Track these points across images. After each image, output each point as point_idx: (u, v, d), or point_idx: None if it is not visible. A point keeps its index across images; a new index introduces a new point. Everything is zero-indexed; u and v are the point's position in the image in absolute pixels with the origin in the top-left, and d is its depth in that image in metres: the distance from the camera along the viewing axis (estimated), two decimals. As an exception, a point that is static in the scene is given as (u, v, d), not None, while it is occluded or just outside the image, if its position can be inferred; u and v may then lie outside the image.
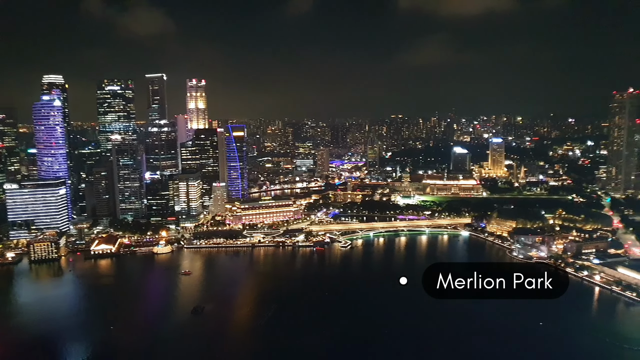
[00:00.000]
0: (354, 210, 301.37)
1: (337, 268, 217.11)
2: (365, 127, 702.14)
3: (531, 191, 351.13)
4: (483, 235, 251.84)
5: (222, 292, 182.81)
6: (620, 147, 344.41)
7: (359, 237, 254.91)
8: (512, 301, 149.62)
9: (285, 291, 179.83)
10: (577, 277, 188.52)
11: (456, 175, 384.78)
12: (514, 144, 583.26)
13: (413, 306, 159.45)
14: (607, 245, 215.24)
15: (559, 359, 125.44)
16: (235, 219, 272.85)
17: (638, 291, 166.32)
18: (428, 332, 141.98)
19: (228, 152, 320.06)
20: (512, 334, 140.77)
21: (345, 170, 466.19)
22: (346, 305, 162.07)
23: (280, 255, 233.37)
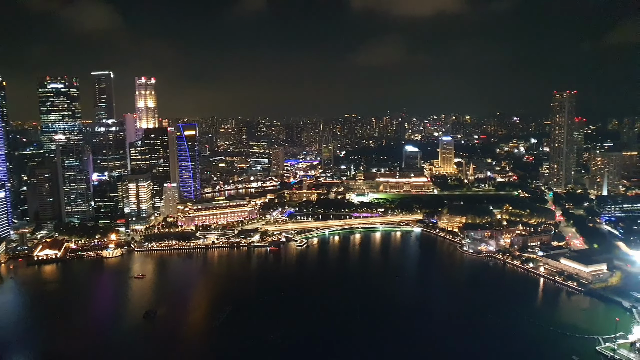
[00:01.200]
0: (310, 209, 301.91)
1: (293, 267, 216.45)
2: (320, 126, 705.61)
3: (479, 187, 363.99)
4: (434, 231, 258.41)
5: (176, 295, 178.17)
6: (561, 144, 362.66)
7: (315, 235, 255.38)
8: (462, 292, 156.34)
9: (240, 292, 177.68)
10: (523, 269, 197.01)
11: (408, 173, 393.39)
12: (462, 142, 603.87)
13: (370, 304, 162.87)
14: (550, 238, 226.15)
15: (505, 348, 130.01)
16: (188, 220, 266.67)
17: (578, 281, 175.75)
18: (384, 326, 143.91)
19: (179, 152, 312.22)
20: (461, 324, 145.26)
21: (301, 169, 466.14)
22: (303, 305, 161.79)
23: (235, 256, 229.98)
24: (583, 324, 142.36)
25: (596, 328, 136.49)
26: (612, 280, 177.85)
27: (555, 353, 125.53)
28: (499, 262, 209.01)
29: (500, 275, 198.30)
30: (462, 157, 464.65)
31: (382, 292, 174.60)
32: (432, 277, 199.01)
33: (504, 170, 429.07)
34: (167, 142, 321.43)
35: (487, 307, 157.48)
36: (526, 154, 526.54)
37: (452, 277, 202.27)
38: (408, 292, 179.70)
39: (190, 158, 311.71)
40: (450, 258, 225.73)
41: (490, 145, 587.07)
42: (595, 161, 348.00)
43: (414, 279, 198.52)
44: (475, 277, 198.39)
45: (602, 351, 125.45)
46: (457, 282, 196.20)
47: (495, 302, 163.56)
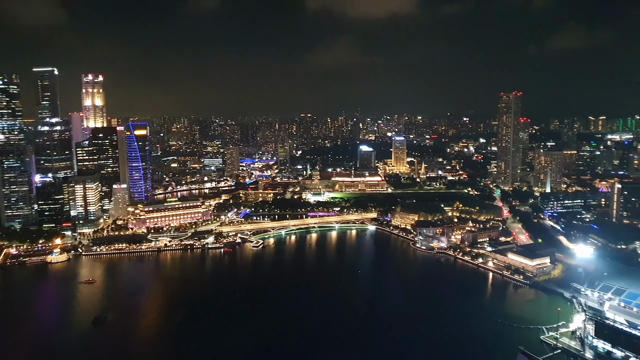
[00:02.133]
0: (266, 209, 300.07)
1: (249, 268, 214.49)
2: (276, 125, 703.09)
3: (431, 186, 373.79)
4: (388, 228, 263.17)
5: (127, 300, 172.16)
6: (507, 144, 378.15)
7: (271, 235, 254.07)
8: (415, 288, 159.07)
9: (194, 295, 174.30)
10: (473, 265, 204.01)
11: (363, 173, 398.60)
12: (415, 141, 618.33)
13: (326, 303, 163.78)
14: (498, 234, 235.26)
15: (455, 341, 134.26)
16: (139, 222, 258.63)
17: (524, 274, 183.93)
18: (341, 324, 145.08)
19: (129, 152, 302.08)
20: (414, 319, 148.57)
21: (256, 169, 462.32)
22: (259, 306, 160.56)
23: (188, 258, 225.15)
24: (529, 315, 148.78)
25: (541, 319, 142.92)
26: (555, 272, 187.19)
27: (503, 344, 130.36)
28: (450, 258, 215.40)
29: (452, 271, 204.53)
30: (415, 156, 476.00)
31: (338, 290, 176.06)
32: (386, 273, 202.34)
33: (455, 169, 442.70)
34: (116, 142, 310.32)
35: (438, 302, 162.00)
36: (475, 153, 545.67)
37: (406, 274, 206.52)
38: (363, 289, 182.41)
39: (140, 158, 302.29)
40: (403, 255, 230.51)
41: (441, 145, 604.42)
42: (539, 160, 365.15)
43: (369, 276, 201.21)
44: (428, 273, 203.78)
45: (546, 340, 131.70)
46: (410, 278, 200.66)
47: (446, 296, 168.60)
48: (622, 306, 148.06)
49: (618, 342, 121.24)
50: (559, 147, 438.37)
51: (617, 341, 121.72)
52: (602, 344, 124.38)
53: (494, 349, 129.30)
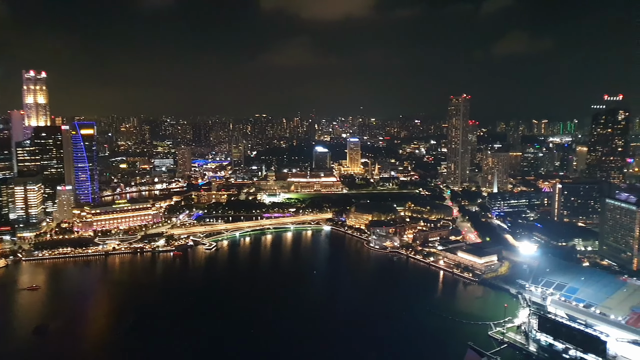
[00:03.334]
0: (219, 211, 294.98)
1: (201, 271, 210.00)
2: (230, 125, 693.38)
3: (384, 186, 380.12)
4: (343, 228, 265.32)
5: (72, 307, 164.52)
6: (457, 145, 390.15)
7: (225, 237, 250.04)
8: (368, 287, 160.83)
9: (144, 300, 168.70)
10: (425, 263, 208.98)
11: (318, 173, 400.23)
12: (369, 143, 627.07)
13: (281, 304, 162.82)
14: (448, 232, 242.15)
15: (406, 338, 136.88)
16: (85, 225, 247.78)
17: (473, 272, 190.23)
18: (294, 327, 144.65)
19: (75, 152, 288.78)
20: (366, 318, 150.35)
21: (209, 170, 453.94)
22: (211, 310, 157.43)
23: (138, 262, 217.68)
24: (477, 312, 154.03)
25: (488, 314, 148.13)
26: (502, 269, 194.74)
27: (453, 340, 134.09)
28: (402, 257, 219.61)
29: (404, 270, 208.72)
30: (368, 157, 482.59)
31: (293, 291, 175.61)
32: (341, 273, 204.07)
33: (407, 169, 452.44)
34: (60, 141, 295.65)
35: (391, 301, 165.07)
36: (426, 154, 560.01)
37: (360, 273, 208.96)
38: (319, 289, 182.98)
39: (87, 159, 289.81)
40: (358, 254, 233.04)
41: (393, 146, 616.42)
42: (486, 161, 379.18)
43: (324, 276, 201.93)
44: (381, 272, 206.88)
45: (494, 335, 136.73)
46: (364, 277, 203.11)
47: (398, 295, 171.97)
48: (562, 300, 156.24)
49: (559, 335, 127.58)
50: (505, 148, 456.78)
51: (558, 334, 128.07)
52: (544, 337, 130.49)
53: (444, 345, 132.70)
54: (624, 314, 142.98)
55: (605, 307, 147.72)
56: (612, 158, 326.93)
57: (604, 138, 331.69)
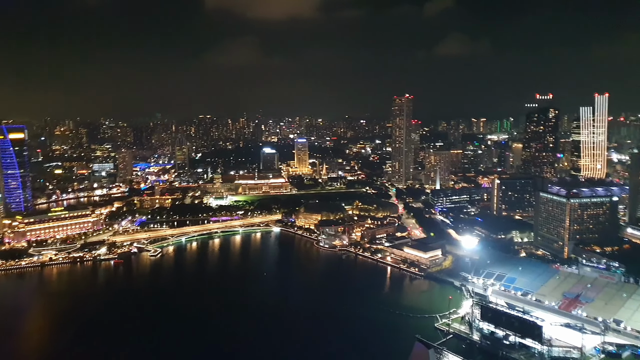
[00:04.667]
0: (164, 216, 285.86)
1: (146, 279, 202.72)
2: (172, 127, 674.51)
3: (332, 186, 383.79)
4: (293, 229, 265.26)
5: (3, 323, 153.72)
6: (401, 144, 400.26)
7: (171, 243, 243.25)
8: (318, 285, 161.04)
9: (85, 312, 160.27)
10: (373, 260, 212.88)
11: (266, 175, 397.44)
12: (316, 143, 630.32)
13: (231, 308, 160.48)
14: (395, 229, 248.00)
15: (358, 336, 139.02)
16: (17, 235, 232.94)
17: (419, 266, 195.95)
18: (246, 329, 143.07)
19: (4, 158, 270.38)
20: (317, 315, 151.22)
21: (152, 174, 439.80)
22: (157, 318, 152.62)
23: (78, 272, 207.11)
24: (424, 305, 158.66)
25: (434, 307, 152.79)
26: (446, 263, 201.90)
27: (401, 334, 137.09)
28: (351, 255, 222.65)
29: (353, 267, 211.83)
30: (316, 157, 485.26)
31: (244, 294, 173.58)
32: (291, 274, 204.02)
33: (354, 169, 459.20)
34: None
35: (341, 298, 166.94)
36: (372, 154, 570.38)
37: (310, 272, 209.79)
38: (269, 291, 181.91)
39: (17, 165, 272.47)
40: (307, 254, 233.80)
41: (340, 146, 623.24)
42: (429, 159, 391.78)
43: (275, 278, 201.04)
44: (331, 270, 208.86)
45: (440, 327, 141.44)
46: (314, 276, 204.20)
47: (348, 292, 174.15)
48: (502, 290, 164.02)
49: (500, 323, 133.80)
50: (446, 147, 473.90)
51: (499, 322, 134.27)
52: (486, 325, 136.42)
53: (393, 339, 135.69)
54: (557, 299, 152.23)
55: (540, 295, 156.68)
56: (545, 154, 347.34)
57: (536, 135, 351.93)
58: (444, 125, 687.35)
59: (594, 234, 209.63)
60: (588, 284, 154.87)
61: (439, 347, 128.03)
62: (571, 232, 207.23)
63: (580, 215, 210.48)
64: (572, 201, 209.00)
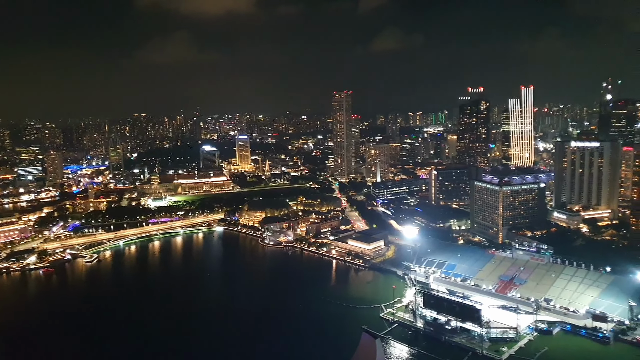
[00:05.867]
0: (99, 220, 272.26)
1: (81, 287, 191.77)
2: (105, 127, 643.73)
3: (276, 182, 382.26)
4: (237, 228, 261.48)
5: None
6: (342, 139, 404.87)
7: (108, 248, 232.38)
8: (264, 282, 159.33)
9: (11, 327, 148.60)
10: (318, 254, 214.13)
11: (207, 173, 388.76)
12: (258, 140, 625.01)
13: (174, 312, 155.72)
14: (339, 222, 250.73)
15: (304, 330, 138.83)
16: None
17: (363, 258, 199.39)
18: (191, 332, 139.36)
19: None
20: (263, 313, 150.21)
21: (85, 176, 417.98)
22: (95, 328, 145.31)
23: (4, 284, 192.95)
24: (369, 296, 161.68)
25: (379, 297, 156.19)
26: (389, 253, 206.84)
27: (347, 326, 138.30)
28: (297, 250, 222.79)
29: (299, 262, 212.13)
30: (258, 154, 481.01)
31: (187, 296, 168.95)
32: (236, 272, 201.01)
33: (297, 165, 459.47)
34: None
35: (287, 293, 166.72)
36: (314, 149, 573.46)
37: (256, 270, 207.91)
38: (214, 291, 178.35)
39: None
40: (252, 252, 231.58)
41: (282, 142, 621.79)
42: (369, 153, 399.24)
43: (219, 278, 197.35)
44: (277, 267, 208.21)
45: (385, 317, 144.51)
46: (260, 273, 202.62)
47: (294, 287, 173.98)
48: (443, 277, 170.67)
49: (441, 309, 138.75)
50: (385, 140, 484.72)
51: (440, 308, 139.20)
52: (429, 312, 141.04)
53: (340, 331, 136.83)
54: (493, 283, 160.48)
55: (478, 279, 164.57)
56: (478, 144, 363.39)
57: (469, 127, 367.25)
58: (382, 119, 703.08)
59: (525, 219, 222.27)
60: (521, 266, 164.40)
61: (385, 336, 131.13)
62: (504, 218, 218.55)
63: (512, 202, 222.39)
64: (504, 189, 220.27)
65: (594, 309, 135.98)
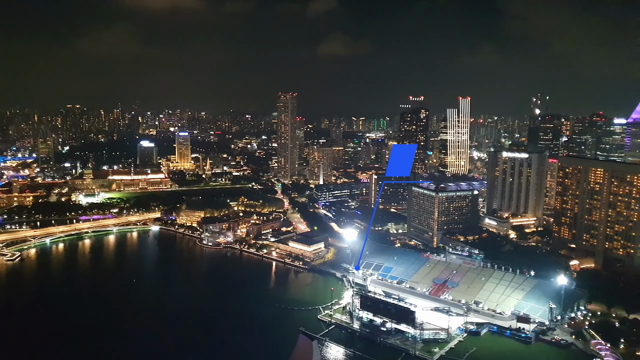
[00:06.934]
0: (24, 215, 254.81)
1: (1, 287, 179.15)
2: (35, 117, 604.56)
3: (217, 182, 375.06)
4: (174, 227, 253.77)
5: None
6: (286, 140, 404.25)
7: (32, 245, 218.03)
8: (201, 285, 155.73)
9: None
10: (258, 256, 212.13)
11: (144, 170, 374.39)
12: (199, 137, 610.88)
13: (102, 316, 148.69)
14: (280, 224, 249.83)
15: (241, 332, 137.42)
16: None
17: (303, 260, 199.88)
18: (119, 339, 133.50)
19: None
20: (202, 318, 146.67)
21: (9, 169, 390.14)
22: (11, 333, 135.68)
23: None
24: (308, 298, 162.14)
25: (318, 299, 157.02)
26: (329, 255, 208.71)
27: (286, 328, 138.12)
28: (236, 252, 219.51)
29: (238, 264, 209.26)
30: (199, 152, 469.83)
31: (118, 300, 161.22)
32: (171, 274, 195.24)
33: (239, 164, 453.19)
34: None
35: (224, 296, 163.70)
36: (258, 149, 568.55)
37: (193, 272, 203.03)
38: (147, 295, 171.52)
39: None
40: (190, 253, 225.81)
41: (225, 141, 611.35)
42: (313, 155, 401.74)
43: (152, 280, 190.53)
44: (215, 269, 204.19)
45: (322, 318, 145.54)
46: (197, 276, 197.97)
47: (233, 289, 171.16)
48: (380, 279, 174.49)
49: (378, 311, 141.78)
50: (329, 143, 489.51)
51: (377, 310, 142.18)
52: (366, 314, 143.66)
53: (277, 334, 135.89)
54: (427, 286, 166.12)
55: (414, 282, 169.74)
56: (416, 151, 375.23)
57: (409, 134, 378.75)
58: (327, 122, 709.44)
59: (459, 224, 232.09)
60: (454, 270, 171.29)
61: (322, 338, 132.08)
62: (439, 223, 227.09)
63: (447, 208, 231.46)
64: (440, 195, 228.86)
65: (519, 310, 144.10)
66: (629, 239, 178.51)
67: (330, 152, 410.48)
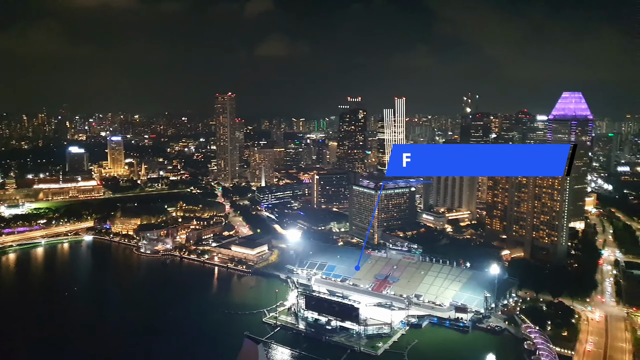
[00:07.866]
0: None
1: None
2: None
3: (153, 187, 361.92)
4: (108, 236, 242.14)
5: None
6: (225, 142, 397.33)
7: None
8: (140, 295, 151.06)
9: None
10: (199, 262, 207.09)
11: (74, 177, 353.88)
12: (133, 141, 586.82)
13: (33, 333, 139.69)
14: (222, 228, 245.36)
15: (184, 341, 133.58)
16: None
17: (247, 263, 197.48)
18: (58, 349, 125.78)
19: None
20: (140, 328, 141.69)
21: None
22: None
23: None
24: (252, 301, 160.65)
25: (262, 302, 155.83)
26: (272, 258, 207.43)
27: (230, 333, 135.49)
28: (176, 259, 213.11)
29: (178, 271, 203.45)
30: (134, 157, 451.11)
31: (49, 315, 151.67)
32: (107, 285, 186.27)
33: (176, 168, 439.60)
34: None
35: (164, 304, 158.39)
36: (196, 152, 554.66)
37: (130, 281, 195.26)
38: (81, 308, 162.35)
39: None
40: (126, 262, 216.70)
41: (161, 145, 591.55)
42: (254, 157, 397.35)
43: (87, 292, 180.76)
44: (154, 277, 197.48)
45: (267, 321, 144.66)
46: (134, 285, 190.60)
47: (173, 298, 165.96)
48: (324, 278, 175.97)
49: (322, 310, 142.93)
50: (269, 145, 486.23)
51: (321, 309, 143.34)
52: (311, 314, 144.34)
53: (222, 339, 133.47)
54: (370, 282, 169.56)
55: (356, 279, 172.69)
56: (356, 151, 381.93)
57: (348, 134, 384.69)
58: (267, 124, 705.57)
59: (398, 220, 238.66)
60: (394, 265, 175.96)
61: (267, 341, 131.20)
62: (379, 220, 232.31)
63: (386, 205, 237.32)
64: (379, 192, 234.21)
65: (456, 301, 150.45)
66: (553, 228, 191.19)
67: (272, 154, 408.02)
